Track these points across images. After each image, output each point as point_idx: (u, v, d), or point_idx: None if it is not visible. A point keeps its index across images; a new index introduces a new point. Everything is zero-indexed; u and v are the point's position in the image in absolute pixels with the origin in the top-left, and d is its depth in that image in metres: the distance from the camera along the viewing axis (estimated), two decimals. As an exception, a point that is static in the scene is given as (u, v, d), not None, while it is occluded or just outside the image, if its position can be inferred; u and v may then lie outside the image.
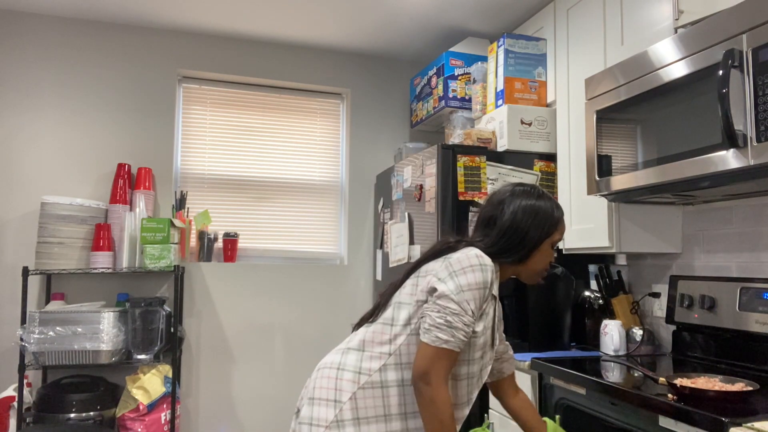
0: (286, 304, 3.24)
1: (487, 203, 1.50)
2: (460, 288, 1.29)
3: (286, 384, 3.20)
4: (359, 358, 1.36)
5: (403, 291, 1.41)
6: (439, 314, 1.28)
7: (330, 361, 1.40)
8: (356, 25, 3.08)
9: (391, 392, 1.32)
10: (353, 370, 1.34)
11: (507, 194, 1.46)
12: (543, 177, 2.60)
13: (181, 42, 3.16)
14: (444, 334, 1.27)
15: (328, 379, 1.35)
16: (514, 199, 1.44)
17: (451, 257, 1.35)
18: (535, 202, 1.44)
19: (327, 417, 1.30)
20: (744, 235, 2.01)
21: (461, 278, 1.30)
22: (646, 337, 2.22)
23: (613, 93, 1.97)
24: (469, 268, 1.31)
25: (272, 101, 3.38)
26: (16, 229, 2.86)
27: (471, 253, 1.34)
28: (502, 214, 1.43)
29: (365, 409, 1.30)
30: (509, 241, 1.41)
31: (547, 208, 1.45)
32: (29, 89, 2.92)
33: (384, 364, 1.33)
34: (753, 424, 1.24)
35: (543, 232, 1.43)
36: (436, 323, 1.28)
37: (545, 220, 1.44)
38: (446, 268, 1.33)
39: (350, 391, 1.31)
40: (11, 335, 2.82)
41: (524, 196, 1.45)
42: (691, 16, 1.76)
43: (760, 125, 1.44)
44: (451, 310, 1.28)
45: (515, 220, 1.42)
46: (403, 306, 1.38)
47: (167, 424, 2.68)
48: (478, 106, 2.83)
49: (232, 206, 3.25)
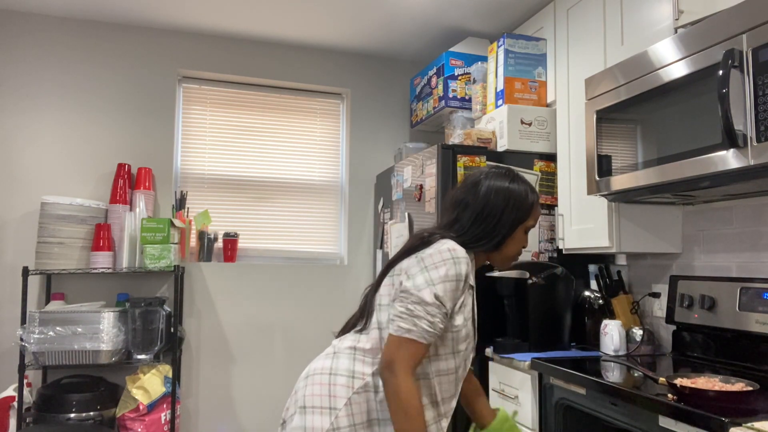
0: (286, 304, 3.24)
1: (461, 184, 1.45)
2: (431, 281, 1.27)
3: (286, 384, 3.20)
4: (351, 361, 1.33)
5: (381, 292, 1.38)
6: (401, 304, 1.27)
7: (320, 367, 1.35)
8: (356, 25, 3.08)
9: (381, 396, 1.29)
10: (346, 374, 1.31)
11: (481, 176, 1.42)
12: (543, 177, 2.60)
13: (181, 42, 3.16)
14: (405, 323, 1.24)
15: (321, 385, 1.31)
16: (487, 180, 1.40)
17: (423, 253, 1.32)
18: (509, 185, 1.40)
19: (323, 425, 1.26)
20: (744, 235, 2.01)
21: (432, 272, 1.28)
22: (646, 337, 2.22)
23: (613, 93, 1.97)
24: (441, 263, 1.28)
25: (272, 101, 3.38)
26: (16, 229, 2.86)
27: (443, 247, 1.31)
28: (475, 197, 1.39)
29: (360, 414, 1.28)
30: (482, 227, 1.37)
31: (521, 192, 1.40)
32: (29, 89, 2.92)
33: (377, 368, 1.31)
34: (753, 424, 1.24)
35: (517, 217, 1.39)
36: (398, 312, 1.26)
37: (519, 204, 1.39)
38: (417, 264, 1.31)
39: (345, 396, 1.28)
40: (11, 335, 2.82)
41: (498, 178, 1.41)
42: (691, 16, 1.76)
43: (760, 125, 1.44)
44: (412, 300, 1.26)
45: (488, 204, 1.38)
46: (382, 308, 1.36)
47: (167, 424, 2.68)
48: (478, 106, 2.83)
49: (232, 206, 3.25)
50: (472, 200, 1.39)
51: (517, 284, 2.35)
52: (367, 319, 1.38)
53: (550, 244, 2.59)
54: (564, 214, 2.47)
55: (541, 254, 2.57)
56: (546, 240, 2.59)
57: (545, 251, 2.58)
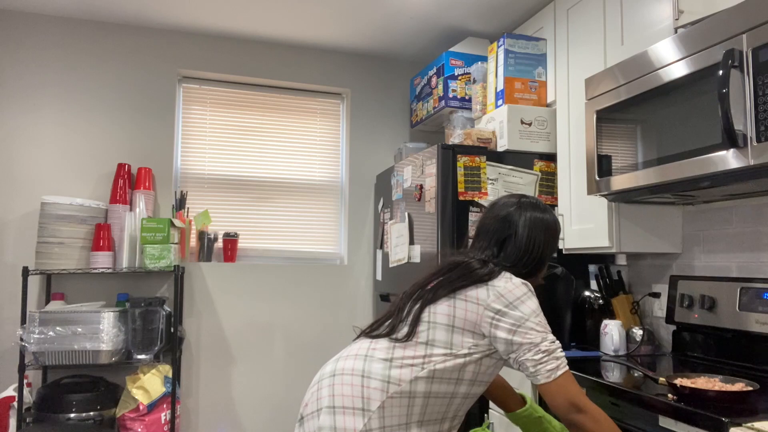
0: (286, 304, 3.24)
1: (492, 216, 1.48)
2: (526, 317, 1.29)
3: (286, 384, 3.20)
4: (387, 367, 1.31)
5: (438, 311, 1.34)
6: (530, 354, 1.28)
7: (350, 367, 1.33)
8: (356, 25, 3.08)
9: (417, 402, 1.29)
10: (381, 378, 1.29)
11: (513, 207, 1.47)
12: (543, 177, 2.60)
13: (181, 42, 3.16)
14: (548, 365, 1.27)
15: (352, 386, 1.30)
16: (524, 213, 1.46)
17: (496, 287, 1.33)
18: (543, 216, 1.47)
19: (355, 426, 1.25)
20: (744, 235, 2.01)
21: (523, 307, 1.31)
22: (646, 337, 2.22)
23: (613, 93, 1.97)
24: (525, 297, 1.32)
25: (272, 101, 3.38)
26: (16, 229, 2.86)
27: (516, 281, 1.35)
28: (516, 233, 1.44)
29: (391, 417, 1.27)
30: (528, 260, 1.43)
31: (554, 222, 1.48)
32: (29, 89, 2.92)
33: (416, 376, 1.29)
34: (753, 424, 1.24)
35: (554, 247, 1.48)
36: (536, 362, 1.27)
37: (555, 235, 1.48)
38: (498, 299, 1.31)
39: (379, 399, 1.27)
40: (11, 335, 2.82)
41: (533, 209, 1.47)
42: (691, 16, 1.76)
43: (760, 125, 1.44)
44: (534, 341, 1.28)
45: (530, 239, 1.43)
46: (438, 327, 1.33)
47: (167, 424, 2.68)
48: (478, 106, 2.83)
49: (232, 206, 3.25)
50: (514, 235, 1.44)
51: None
52: (411, 332, 1.34)
53: (550, 244, 2.59)
54: (564, 214, 2.47)
55: (541, 254, 2.57)
56: (546, 240, 2.58)
57: (545, 251, 2.58)
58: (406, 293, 1.44)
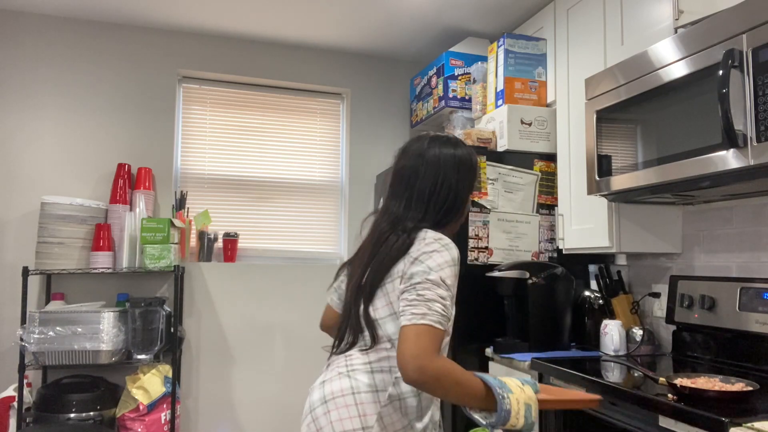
0: (286, 304, 3.24)
1: (404, 159, 1.40)
2: (432, 268, 1.21)
3: (286, 384, 3.20)
4: (370, 376, 1.28)
5: (376, 305, 1.30)
6: (408, 293, 1.20)
7: (338, 389, 1.29)
8: (356, 25, 3.08)
9: (408, 402, 1.28)
10: (370, 389, 1.27)
11: (424, 146, 1.38)
12: (543, 177, 2.60)
13: (181, 42, 3.16)
14: (417, 308, 1.17)
15: (347, 407, 1.26)
16: (431, 150, 1.36)
17: (410, 254, 1.26)
18: (453, 152, 1.37)
19: None
20: (744, 235, 2.01)
21: (429, 262, 1.23)
22: (646, 337, 2.22)
23: (613, 93, 1.97)
24: (434, 252, 1.24)
25: (272, 101, 3.38)
26: (16, 229, 2.86)
27: (428, 237, 1.27)
28: (424, 174, 1.35)
29: (391, 424, 1.26)
30: (438, 203, 1.34)
31: (466, 156, 1.38)
32: (29, 89, 2.92)
33: (395, 377, 1.28)
34: (753, 424, 1.24)
35: (470, 185, 1.38)
36: (407, 302, 1.19)
37: (469, 171, 1.38)
38: (412, 264, 1.24)
39: (375, 412, 1.25)
40: (11, 335, 2.82)
41: (441, 146, 1.37)
42: (691, 16, 1.76)
43: (760, 125, 1.44)
44: (420, 285, 1.19)
45: (439, 179, 1.34)
46: (386, 321, 1.29)
47: (167, 424, 2.68)
48: (478, 106, 2.83)
49: (232, 206, 3.25)
50: (422, 175, 1.35)
51: (517, 284, 2.35)
52: (373, 338, 1.30)
53: (550, 244, 2.59)
54: (564, 214, 2.47)
55: (541, 254, 2.57)
56: (546, 240, 2.59)
57: (545, 251, 2.58)
58: (347, 297, 1.38)
